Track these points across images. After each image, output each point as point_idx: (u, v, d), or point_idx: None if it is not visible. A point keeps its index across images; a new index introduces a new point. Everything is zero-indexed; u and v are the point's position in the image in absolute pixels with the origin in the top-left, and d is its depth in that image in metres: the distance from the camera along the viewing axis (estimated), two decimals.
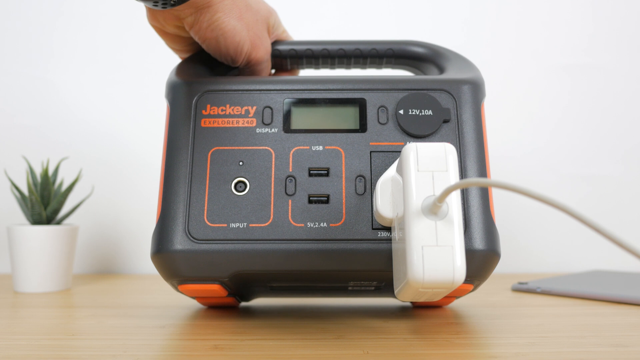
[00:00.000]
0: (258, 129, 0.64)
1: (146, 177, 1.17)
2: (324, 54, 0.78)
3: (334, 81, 0.66)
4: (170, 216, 0.61)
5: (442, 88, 0.65)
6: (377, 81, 0.66)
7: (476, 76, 0.67)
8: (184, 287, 0.63)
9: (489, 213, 0.61)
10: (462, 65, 0.72)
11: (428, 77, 0.66)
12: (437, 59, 0.75)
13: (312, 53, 0.78)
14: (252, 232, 0.60)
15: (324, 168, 0.63)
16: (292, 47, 0.78)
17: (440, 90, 0.65)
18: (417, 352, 0.54)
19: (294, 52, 0.77)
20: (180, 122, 0.65)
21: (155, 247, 0.62)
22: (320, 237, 0.60)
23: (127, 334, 0.62)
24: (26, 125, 1.17)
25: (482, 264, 0.60)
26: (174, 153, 0.64)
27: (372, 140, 0.64)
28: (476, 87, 0.66)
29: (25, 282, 0.90)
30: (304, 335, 0.60)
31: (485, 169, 0.62)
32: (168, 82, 0.68)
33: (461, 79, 0.66)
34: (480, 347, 0.57)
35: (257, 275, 0.62)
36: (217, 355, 0.53)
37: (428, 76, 0.67)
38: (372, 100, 0.65)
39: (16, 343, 0.58)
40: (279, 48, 0.77)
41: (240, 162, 0.63)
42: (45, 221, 0.94)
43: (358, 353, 0.54)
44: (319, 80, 0.67)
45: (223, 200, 0.62)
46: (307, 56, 0.78)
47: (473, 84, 0.66)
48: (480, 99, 0.66)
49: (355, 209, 0.61)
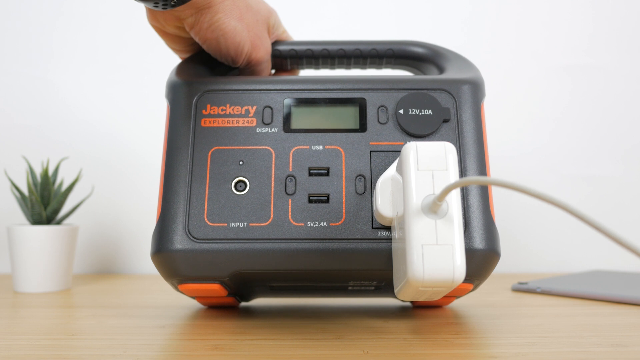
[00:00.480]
0: (258, 129, 0.64)
1: (146, 177, 1.17)
2: (324, 54, 0.78)
3: (333, 81, 0.66)
4: (171, 216, 0.62)
5: (442, 88, 0.65)
6: (377, 81, 0.66)
7: (476, 76, 0.68)
8: (184, 286, 0.63)
9: (489, 212, 0.61)
10: (462, 65, 0.72)
11: (428, 77, 0.67)
12: (437, 59, 0.76)
13: (312, 53, 0.78)
14: (252, 231, 0.61)
15: (324, 167, 0.63)
16: (292, 47, 0.78)
17: (440, 90, 0.65)
18: (417, 352, 0.54)
19: (294, 52, 0.77)
20: (181, 122, 0.65)
21: (155, 247, 0.62)
22: (320, 236, 0.60)
23: (127, 334, 0.62)
24: (26, 125, 1.17)
25: (482, 264, 0.60)
26: (174, 153, 0.64)
27: (372, 139, 0.64)
28: (476, 86, 0.66)
29: (25, 282, 0.90)
30: (304, 335, 0.60)
31: (485, 168, 0.62)
32: (168, 82, 0.68)
33: (461, 78, 0.66)
34: (480, 347, 0.57)
35: (257, 274, 0.62)
36: (217, 355, 0.53)
37: (428, 76, 0.67)
38: (372, 100, 0.65)
39: (16, 343, 0.58)
40: (279, 48, 0.77)
41: (240, 161, 0.63)
42: (45, 221, 0.94)
43: (358, 353, 0.54)
44: (319, 80, 0.67)
45: (223, 199, 0.62)
46: (307, 56, 0.78)
47: (473, 83, 0.66)
48: (480, 99, 0.66)
49: (355, 208, 0.61)
